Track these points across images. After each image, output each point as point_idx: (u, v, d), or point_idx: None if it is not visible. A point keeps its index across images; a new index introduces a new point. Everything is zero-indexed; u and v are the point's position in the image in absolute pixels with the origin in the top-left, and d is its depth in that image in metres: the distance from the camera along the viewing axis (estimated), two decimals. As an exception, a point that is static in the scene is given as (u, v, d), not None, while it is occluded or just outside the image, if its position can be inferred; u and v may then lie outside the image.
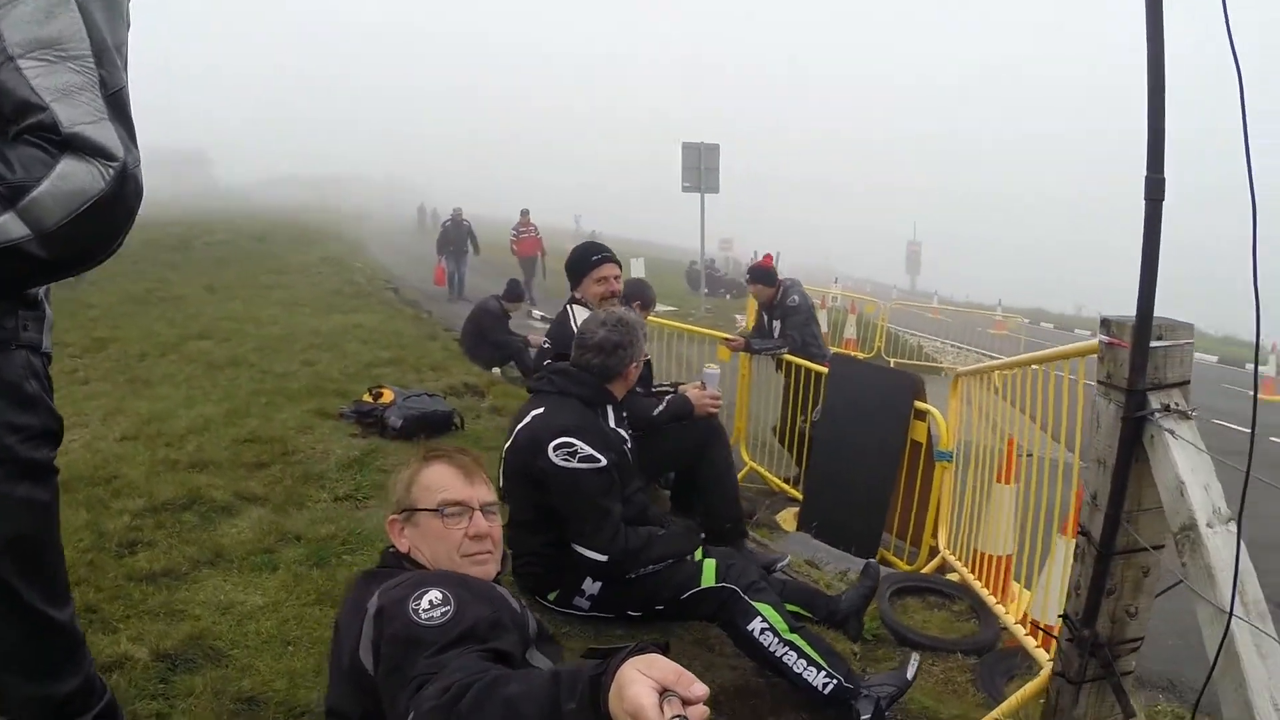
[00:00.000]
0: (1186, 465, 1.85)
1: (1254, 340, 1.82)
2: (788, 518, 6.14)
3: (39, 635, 1.49)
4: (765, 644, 2.93)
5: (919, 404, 5.29)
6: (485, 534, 1.96)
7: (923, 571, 4.99)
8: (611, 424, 3.35)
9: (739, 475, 5.36)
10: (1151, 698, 4.10)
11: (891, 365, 14.98)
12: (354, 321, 10.53)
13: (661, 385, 4.57)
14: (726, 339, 7.63)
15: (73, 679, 1.56)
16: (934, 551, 5.13)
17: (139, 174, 1.38)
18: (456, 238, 18.83)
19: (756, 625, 2.96)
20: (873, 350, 17.10)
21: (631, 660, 1.10)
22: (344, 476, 4.80)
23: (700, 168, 18.31)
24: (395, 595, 1.66)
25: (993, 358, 18.62)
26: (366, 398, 5.97)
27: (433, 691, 1.37)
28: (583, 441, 3.04)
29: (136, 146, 1.39)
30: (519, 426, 3.20)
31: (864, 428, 5.54)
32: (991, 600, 4.14)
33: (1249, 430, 1.77)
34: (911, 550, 5.43)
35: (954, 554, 4.92)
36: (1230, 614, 1.61)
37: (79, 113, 1.30)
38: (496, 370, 9.50)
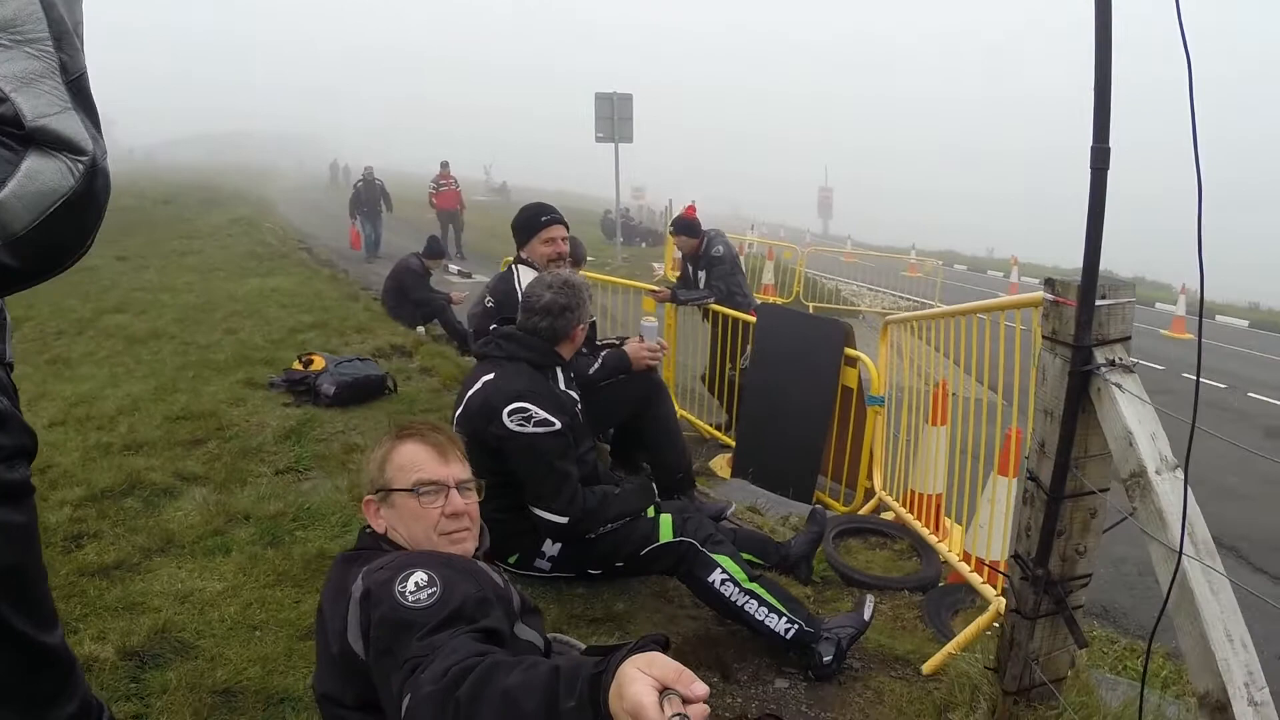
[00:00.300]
0: (1134, 416, 1.95)
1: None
2: (721, 464, 6.25)
3: (33, 665, 1.41)
4: (726, 594, 3.02)
5: (849, 350, 5.42)
6: (462, 512, 1.95)
7: (861, 513, 5.16)
8: (562, 386, 3.36)
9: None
10: (1087, 624, 4.36)
11: (811, 310, 15.29)
12: (271, 285, 10.27)
13: (607, 338, 4.58)
14: (652, 290, 7.66)
15: (69, 704, 1.49)
16: (870, 493, 5.30)
17: (107, 166, 1.27)
18: (369, 198, 18.27)
19: (717, 576, 3.03)
20: (791, 295, 17.37)
21: (631, 659, 1.10)
22: (282, 449, 4.73)
23: (614, 118, 18.09)
24: (380, 578, 1.65)
25: (909, 300, 19.17)
26: (296, 365, 5.87)
27: (429, 675, 1.37)
28: (536, 406, 3.04)
29: (102, 136, 1.28)
30: (469, 393, 3.18)
31: (795, 375, 5.64)
32: (932, 538, 4.32)
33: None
34: (847, 492, 5.60)
35: (889, 494, 5.10)
36: (1180, 554, 1.73)
37: (42, 103, 1.18)
38: (421, 329, 9.40)
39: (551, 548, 3.22)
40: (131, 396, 5.44)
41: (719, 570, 3.04)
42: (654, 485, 3.56)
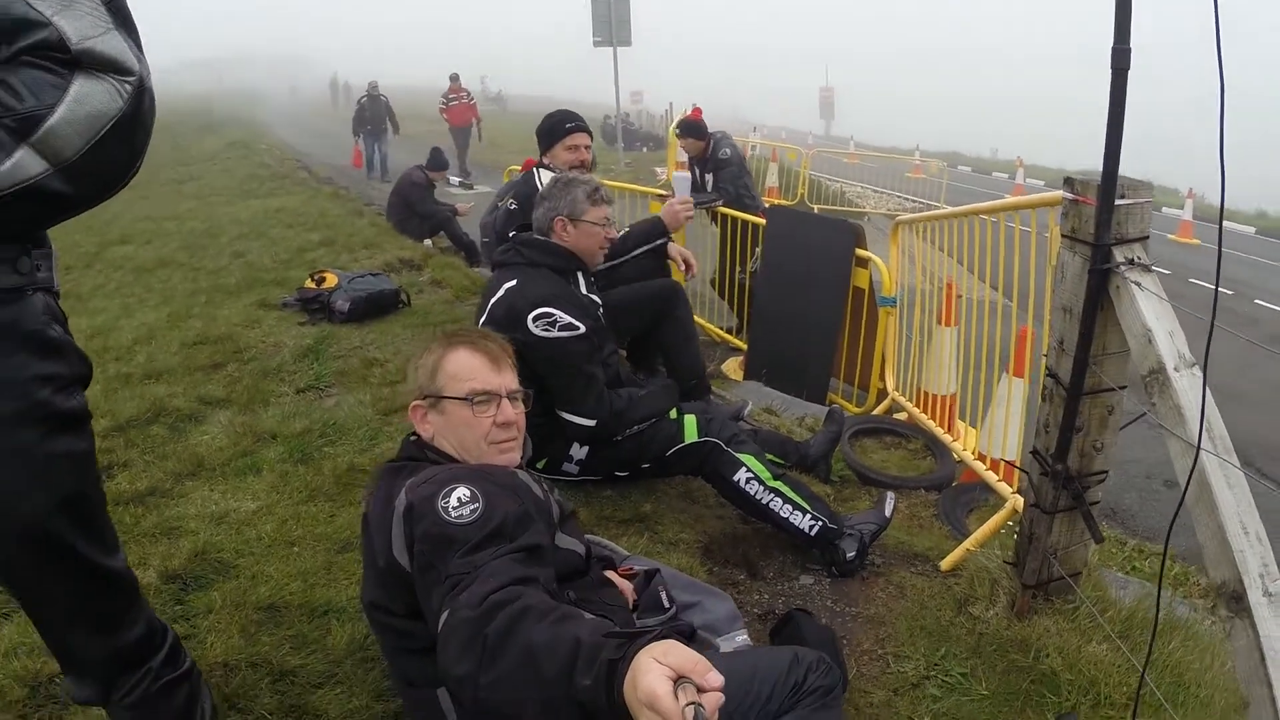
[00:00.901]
0: (1152, 314, 1.98)
1: (1220, 195, 1.92)
2: (733, 367, 6.29)
3: (101, 588, 1.45)
4: (751, 493, 3.09)
5: (860, 252, 5.41)
6: (513, 421, 1.97)
7: (875, 413, 5.22)
8: (584, 290, 3.35)
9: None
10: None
11: (815, 211, 15.16)
12: (275, 206, 10.20)
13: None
14: (659, 195, 7.61)
15: (136, 626, 1.53)
16: (883, 394, 5.36)
17: (153, 86, 1.27)
18: (374, 115, 17.36)
19: (741, 475, 3.10)
20: (795, 197, 17.22)
21: (648, 648, 1.10)
22: (301, 368, 4.78)
23: (611, 20, 17.66)
24: (423, 493, 1.67)
25: (914, 201, 18.99)
26: (309, 284, 5.86)
27: (467, 599, 1.40)
28: (561, 310, 3.04)
29: (145, 56, 1.27)
30: (492, 300, 3.17)
31: (807, 277, 5.62)
32: (946, 438, 4.38)
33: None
34: (860, 393, 5.66)
35: (903, 395, 5.16)
36: (1199, 448, 1.78)
37: (85, 25, 1.17)
38: (428, 242, 9.38)
39: (579, 451, 3.27)
40: (146, 326, 5.46)
41: (744, 469, 3.11)
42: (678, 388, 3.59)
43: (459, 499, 1.63)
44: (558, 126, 4.36)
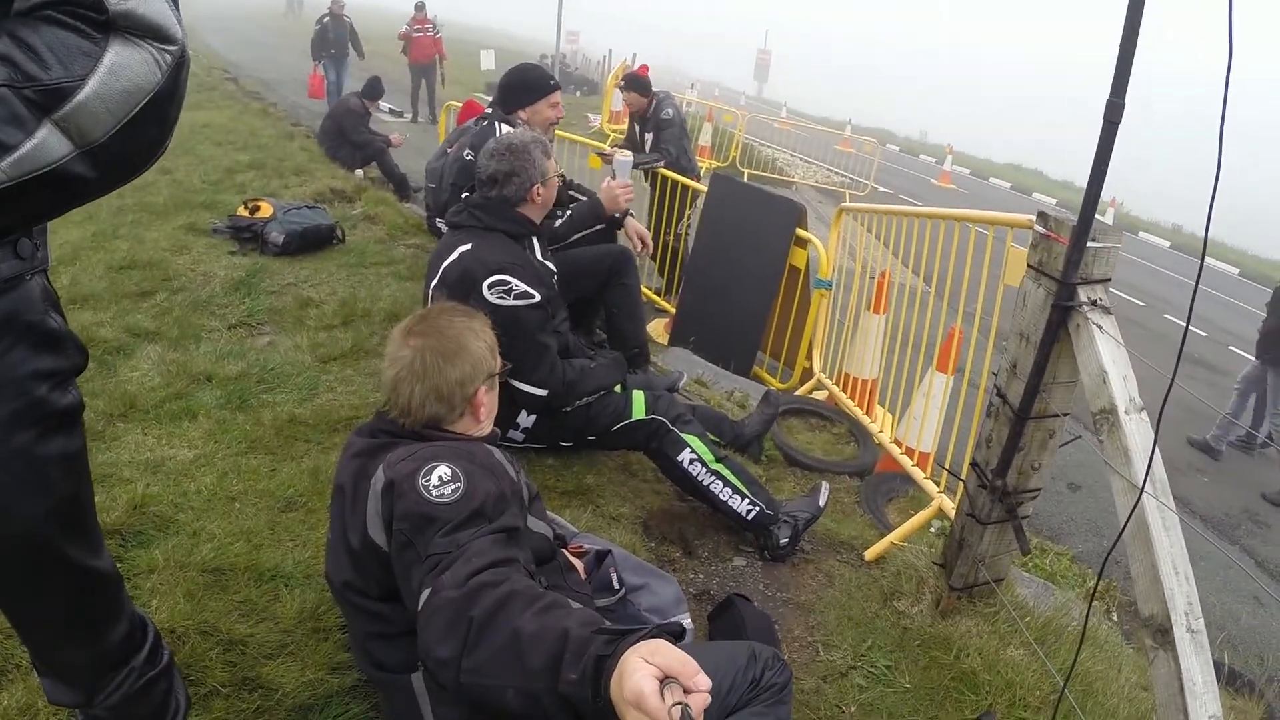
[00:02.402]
0: (1109, 356, 2.10)
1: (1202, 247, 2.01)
2: (659, 329, 6.32)
3: (88, 591, 1.39)
4: (694, 474, 3.16)
5: (800, 232, 5.48)
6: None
7: (798, 393, 5.35)
8: (539, 256, 3.32)
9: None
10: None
11: (746, 177, 15.24)
12: (202, 120, 9.73)
13: (574, 193, 4.57)
14: (600, 151, 7.56)
15: (120, 625, 1.48)
16: (808, 373, 5.49)
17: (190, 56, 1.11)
18: (337, 38, 15.18)
19: (685, 456, 3.17)
20: (727, 160, 17.25)
21: (636, 647, 1.11)
22: (233, 301, 4.63)
23: (558, -42, 17.29)
24: (403, 470, 1.66)
25: (843, 175, 19.20)
26: (243, 212, 5.67)
27: (450, 578, 1.40)
28: (516, 278, 3.02)
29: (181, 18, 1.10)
30: (446, 264, 3.11)
31: (744, 250, 5.68)
32: (872, 426, 4.53)
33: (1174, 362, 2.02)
34: (785, 370, 5.80)
35: (826, 376, 5.30)
36: (1142, 490, 1.91)
37: None
38: (359, 172, 9.16)
39: (526, 419, 3.28)
40: (70, 244, 5.18)
41: (688, 450, 3.17)
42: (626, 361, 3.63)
43: (440, 477, 1.63)
44: (541, 83, 4.27)
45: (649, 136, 7.35)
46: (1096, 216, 2.15)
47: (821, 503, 3.32)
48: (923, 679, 2.62)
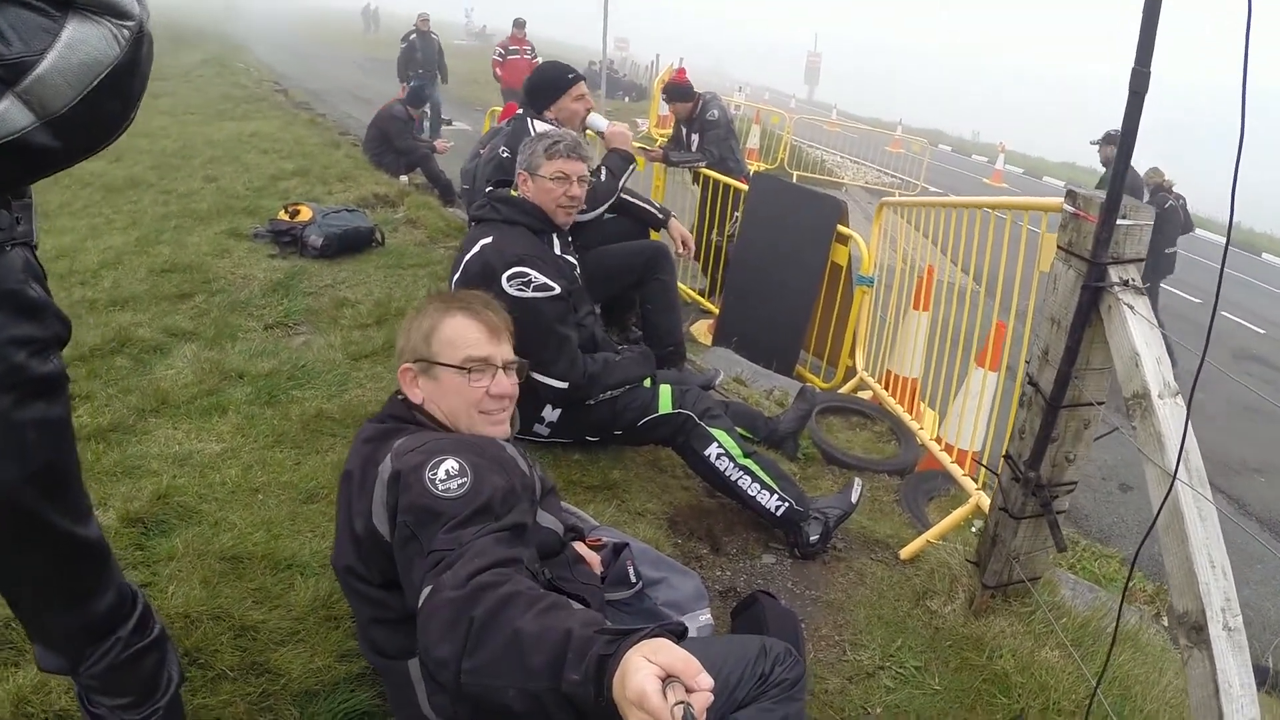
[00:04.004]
0: (1141, 338, 1.99)
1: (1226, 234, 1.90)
2: (702, 330, 6.29)
3: (72, 558, 1.39)
4: (721, 469, 3.09)
5: (842, 228, 5.40)
6: (506, 394, 1.93)
7: (841, 391, 5.26)
8: (558, 251, 3.30)
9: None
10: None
11: (795, 179, 15.11)
12: (249, 130, 9.92)
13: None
14: (644, 149, 7.55)
15: (107, 595, 1.47)
16: (850, 371, 5.40)
17: (150, 31, 1.15)
18: (425, 57, 14.06)
19: (713, 450, 3.10)
20: (775, 162, 17.14)
21: (638, 646, 1.10)
22: (270, 303, 4.69)
23: (605, -37, 17.23)
24: (411, 462, 1.64)
25: (893, 176, 18.98)
26: (283, 215, 5.75)
27: (451, 577, 1.38)
28: (536, 270, 3.01)
29: None
30: (467, 256, 3.12)
31: (786, 248, 5.62)
32: (913, 425, 4.42)
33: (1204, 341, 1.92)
34: (828, 369, 5.70)
35: (870, 375, 5.19)
36: (1174, 478, 1.80)
37: None
38: (404, 178, 9.23)
39: (551, 413, 3.25)
40: (113, 249, 5.30)
41: (715, 445, 3.11)
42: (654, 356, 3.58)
43: (447, 471, 1.60)
44: (560, 79, 4.26)
45: (695, 138, 7.32)
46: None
47: (854, 499, 3.23)
48: (953, 680, 2.52)
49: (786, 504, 3.08)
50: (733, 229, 6.47)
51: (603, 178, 3.98)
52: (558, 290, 3.04)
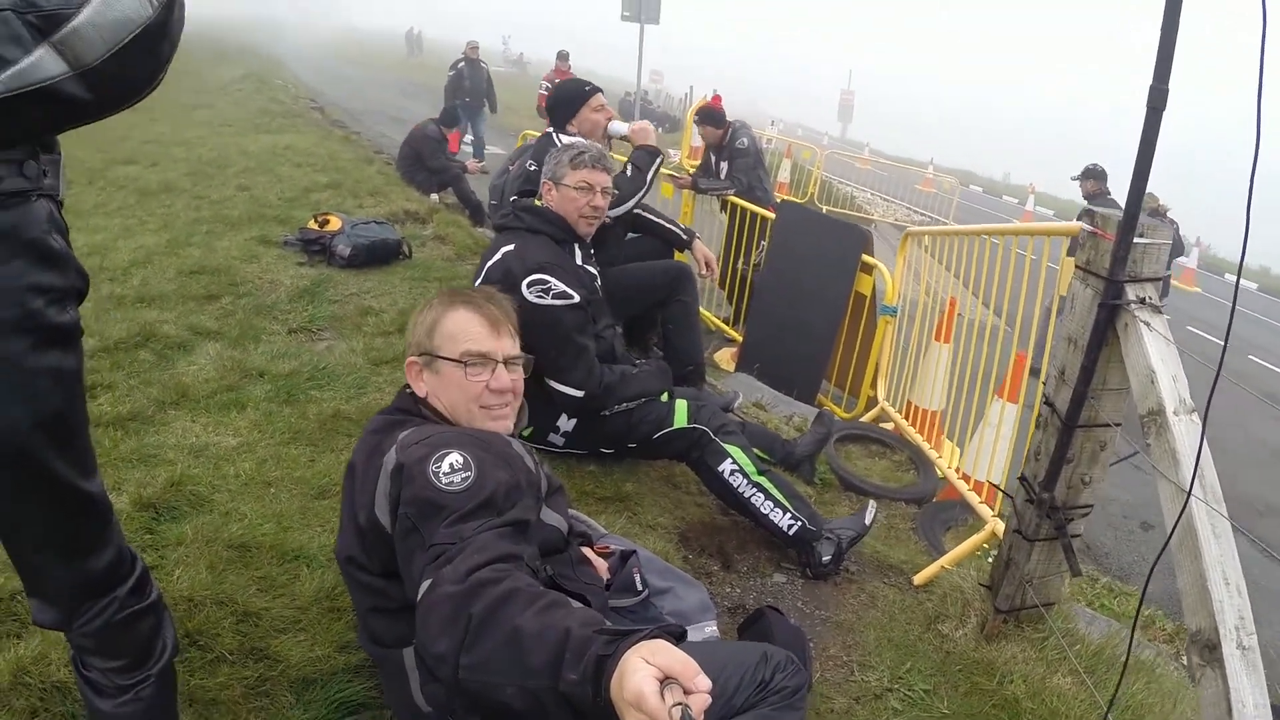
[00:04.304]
0: (1157, 355, 1.97)
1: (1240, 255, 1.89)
2: (725, 357, 6.28)
3: (74, 512, 1.40)
4: (734, 485, 3.07)
5: (866, 258, 5.39)
6: (507, 389, 1.93)
7: (863, 420, 5.22)
8: (580, 261, 3.31)
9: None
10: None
11: (824, 211, 15.11)
12: (284, 143, 10.07)
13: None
14: (673, 176, 7.60)
15: (105, 552, 1.48)
16: (872, 401, 5.36)
17: None
18: (474, 85, 13.67)
19: (726, 466, 3.09)
20: (805, 196, 17.17)
21: (637, 647, 1.10)
22: (296, 308, 4.73)
23: (642, -2, 17.39)
24: (415, 454, 1.63)
25: (923, 215, 18.97)
26: (312, 225, 5.81)
27: (451, 572, 1.38)
28: (556, 278, 3.02)
29: None
30: (489, 264, 3.13)
31: (811, 276, 5.62)
32: (932, 453, 4.38)
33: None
34: (850, 399, 5.66)
35: (891, 405, 5.16)
36: (1189, 494, 1.77)
37: None
38: (435, 197, 9.32)
39: (566, 423, 3.25)
40: (144, 249, 5.38)
41: (729, 461, 3.09)
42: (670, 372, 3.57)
43: (451, 465, 1.60)
44: (578, 93, 4.30)
45: (724, 165, 7.35)
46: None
47: (868, 521, 3.19)
48: (962, 705, 2.47)
49: (799, 523, 3.06)
50: (758, 258, 6.48)
51: (629, 173, 4.00)
52: (577, 299, 3.05)
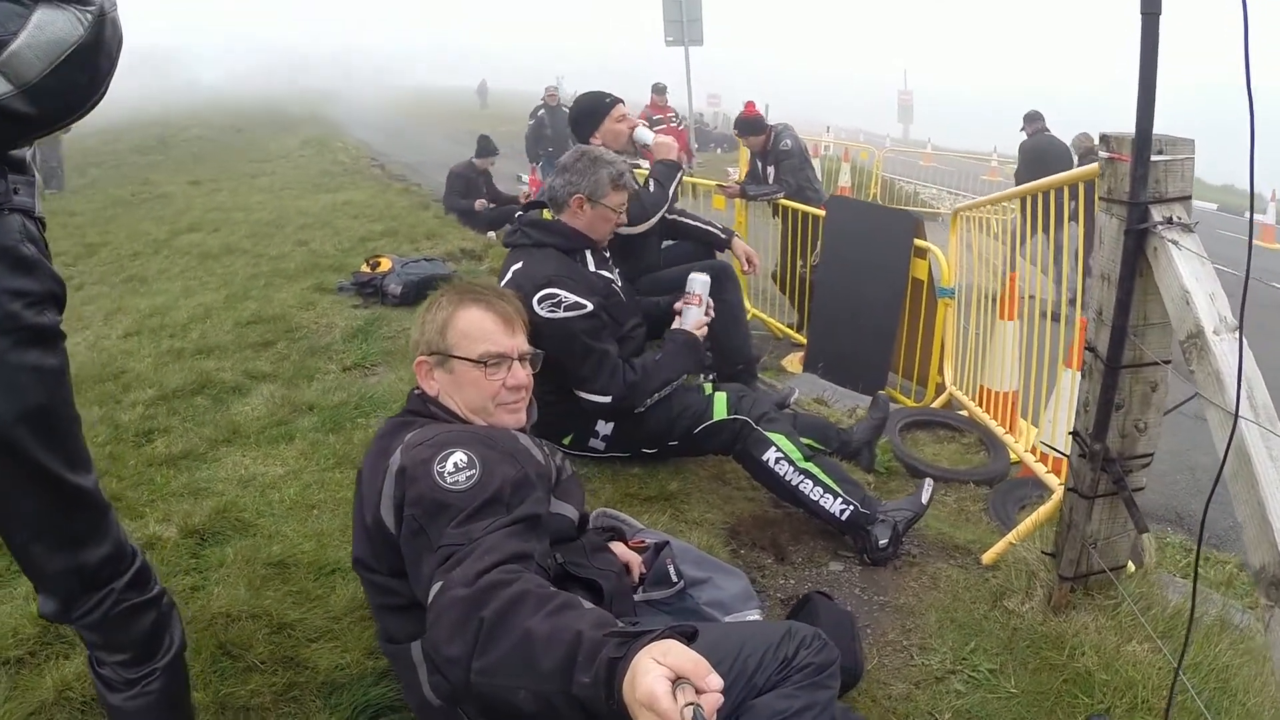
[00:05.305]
0: (1191, 274, 1.82)
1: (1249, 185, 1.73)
2: (793, 362, 6.18)
3: (64, 503, 1.46)
4: (781, 473, 2.99)
5: (918, 241, 5.25)
6: (523, 385, 1.93)
7: (932, 407, 5.05)
8: (592, 268, 3.26)
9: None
10: (1160, 529, 4.22)
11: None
12: (343, 199, 10.34)
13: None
14: (721, 186, 7.57)
15: (101, 545, 1.53)
16: (940, 388, 5.18)
17: (118, 18, 1.33)
18: (556, 133, 12.54)
19: (771, 454, 3.00)
20: (868, 197, 16.89)
21: (648, 648, 1.11)
22: (349, 347, 4.80)
23: (683, 20, 17.39)
24: (419, 455, 1.63)
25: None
26: (364, 268, 5.91)
27: (461, 574, 1.38)
28: (565, 290, 2.99)
29: None
30: (501, 284, 3.13)
31: (865, 267, 5.53)
32: (1001, 431, 4.20)
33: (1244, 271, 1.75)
34: (918, 389, 5.49)
35: (961, 390, 4.97)
36: (1236, 416, 1.63)
37: None
38: (491, 234, 9.36)
39: (604, 427, 3.22)
40: (204, 306, 5.56)
41: (773, 448, 3.01)
42: (704, 347, 3.49)
43: (455, 464, 1.60)
44: (599, 105, 4.27)
45: (770, 170, 7.28)
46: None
47: (924, 500, 3.06)
48: (1031, 682, 2.32)
49: (851, 507, 2.95)
50: (816, 258, 6.37)
51: (651, 188, 3.96)
52: (590, 307, 3.02)
